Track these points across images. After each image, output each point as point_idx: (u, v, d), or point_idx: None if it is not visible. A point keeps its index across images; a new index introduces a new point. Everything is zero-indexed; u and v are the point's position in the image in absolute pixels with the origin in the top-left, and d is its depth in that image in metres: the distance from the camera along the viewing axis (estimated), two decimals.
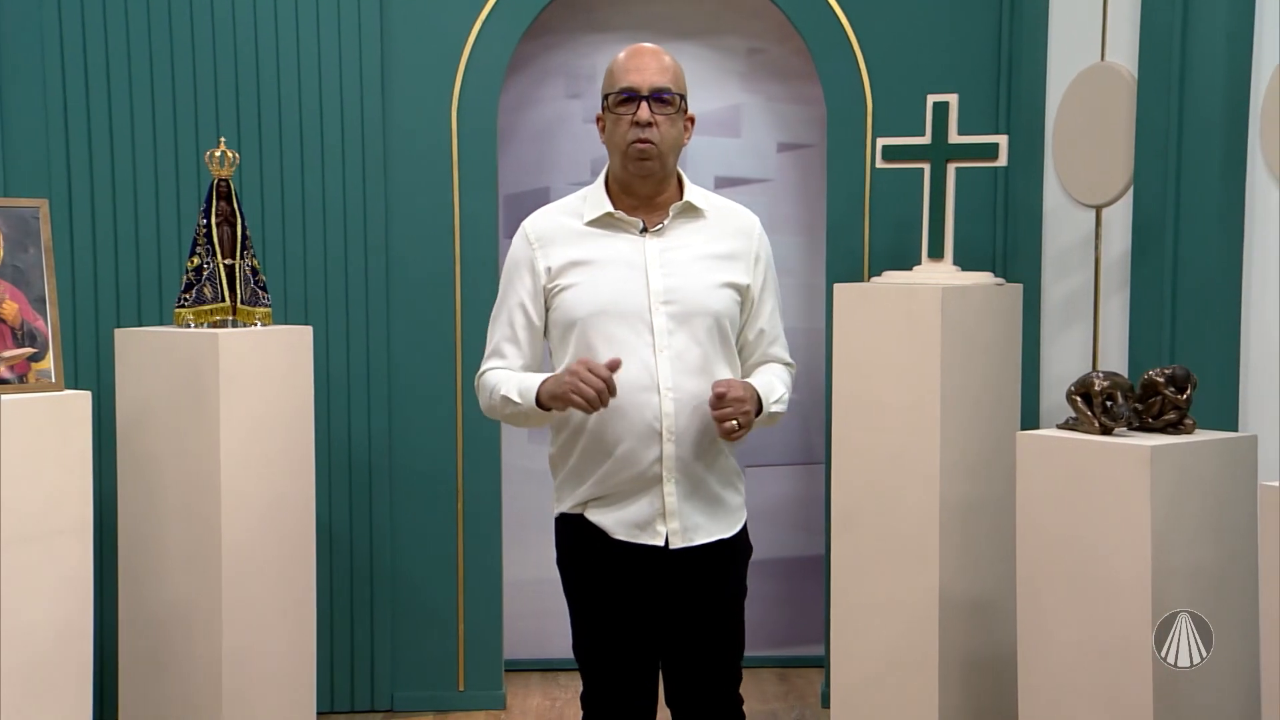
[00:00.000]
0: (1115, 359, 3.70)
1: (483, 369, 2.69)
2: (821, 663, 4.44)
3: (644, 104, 2.55)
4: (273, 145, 4.11)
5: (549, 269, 2.61)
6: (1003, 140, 3.70)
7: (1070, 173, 3.94)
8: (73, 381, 3.89)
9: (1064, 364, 3.96)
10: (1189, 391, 3.02)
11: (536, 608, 4.63)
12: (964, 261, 3.86)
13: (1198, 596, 2.96)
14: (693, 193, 2.67)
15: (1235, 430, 3.23)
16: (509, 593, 4.45)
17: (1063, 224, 4.00)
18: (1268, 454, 3.08)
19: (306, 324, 3.99)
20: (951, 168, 3.73)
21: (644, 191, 2.62)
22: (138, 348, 3.62)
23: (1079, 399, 3.07)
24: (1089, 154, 3.84)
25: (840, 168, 4.26)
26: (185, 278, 3.62)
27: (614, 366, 2.46)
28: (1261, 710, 2.68)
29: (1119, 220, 3.74)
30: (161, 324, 3.96)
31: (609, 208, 2.61)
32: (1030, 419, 3.97)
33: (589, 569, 2.65)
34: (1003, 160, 3.71)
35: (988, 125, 4.15)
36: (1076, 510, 3.04)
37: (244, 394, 3.52)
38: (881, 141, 3.85)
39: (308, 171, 4.13)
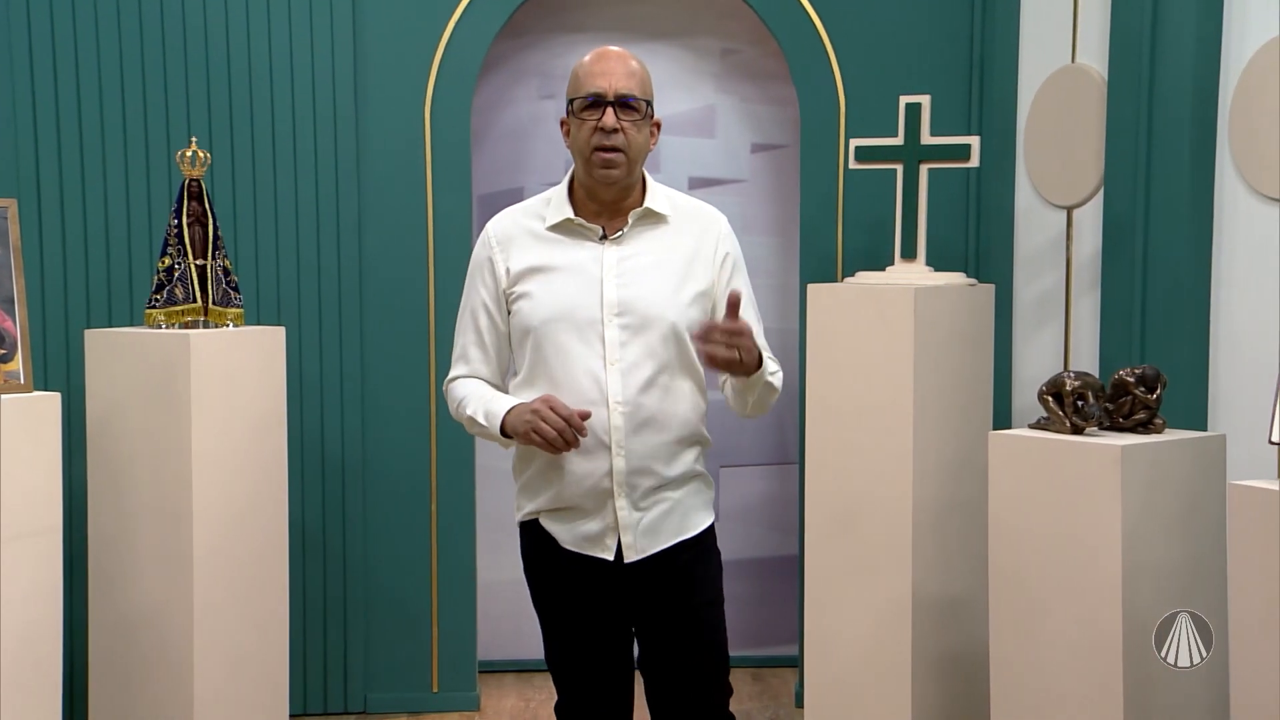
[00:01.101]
0: (1086, 359, 3.73)
1: (451, 375, 2.67)
2: (795, 662, 4.45)
3: (609, 110, 2.50)
4: (245, 145, 4.09)
5: (509, 272, 2.58)
6: (975, 141, 3.72)
7: (1041, 174, 3.96)
8: (42, 383, 3.85)
9: (1036, 364, 3.99)
10: (1159, 391, 3.04)
11: (511, 608, 4.62)
12: (936, 262, 3.87)
13: (1168, 595, 2.98)
14: (655, 197, 2.60)
15: (1205, 430, 3.25)
16: (483, 593, 4.44)
17: (1034, 225, 4.02)
18: (1237, 453, 3.11)
19: (279, 325, 3.97)
20: (924, 168, 3.74)
21: (607, 197, 2.57)
22: (108, 349, 3.59)
23: (1050, 399, 3.08)
24: (1060, 155, 3.86)
25: (813, 168, 4.27)
26: (156, 278, 3.59)
27: (584, 416, 2.44)
28: (1231, 707, 2.70)
29: (1090, 221, 3.76)
30: (132, 325, 3.94)
31: (569, 213, 2.57)
32: (1002, 419, 3.99)
33: (548, 578, 2.63)
34: (975, 161, 3.72)
35: (960, 126, 4.17)
36: (1048, 509, 3.06)
37: (216, 395, 3.50)
38: (854, 142, 3.86)
39: (280, 171, 4.12)
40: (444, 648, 4.32)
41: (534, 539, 2.62)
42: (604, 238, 2.57)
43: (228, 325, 3.63)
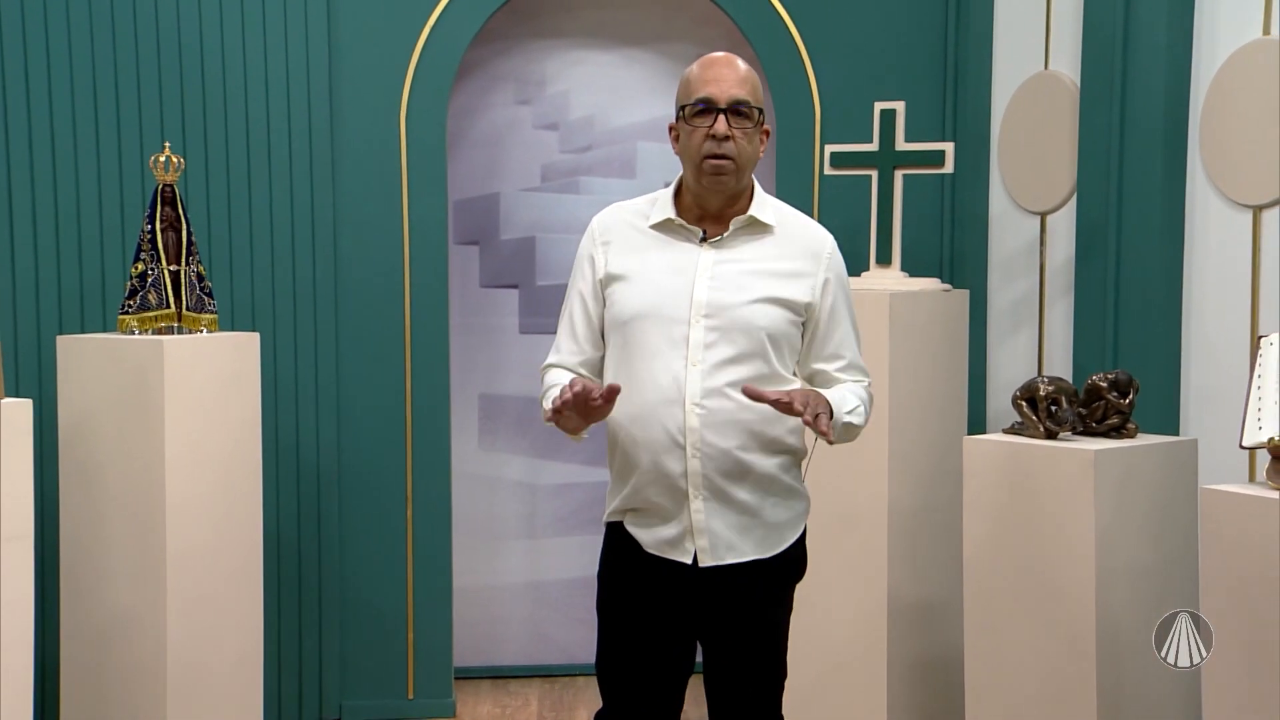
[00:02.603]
0: (1060, 364, 3.75)
1: (545, 363, 2.65)
2: None
3: (721, 117, 2.48)
4: (219, 150, 4.07)
5: (606, 266, 2.58)
6: (949, 147, 3.73)
7: (1015, 179, 3.98)
8: (14, 389, 3.83)
9: (1010, 369, 4.01)
10: (1131, 396, 3.06)
11: (486, 614, 4.62)
12: (911, 267, 3.89)
13: (1141, 597, 3.00)
14: (761, 206, 2.57)
15: (1176, 434, 3.28)
16: (458, 600, 4.43)
17: (1008, 230, 4.05)
18: (1209, 457, 3.13)
19: (254, 330, 3.95)
20: (899, 174, 3.76)
21: (714, 205, 2.55)
22: (80, 355, 3.57)
23: (1024, 404, 3.10)
24: (1033, 161, 3.89)
25: (789, 174, 4.28)
26: (129, 284, 3.58)
27: (610, 394, 2.39)
28: (1203, 708, 2.72)
29: (1063, 226, 3.79)
30: (105, 331, 3.91)
31: (672, 214, 2.56)
32: (977, 424, 4.01)
33: (625, 580, 2.59)
34: (949, 167, 3.74)
35: (934, 133, 4.19)
36: (1022, 513, 3.07)
37: (190, 401, 3.49)
38: (829, 148, 3.88)
39: (254, 176, 4.10)
40: (419, 654, 4.30)
41: (617, 541, 2.60)
42: (704, 240, 2.55)
43: (201, 331, 3.61)
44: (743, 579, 2.53)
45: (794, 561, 2.62)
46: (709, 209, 2.56)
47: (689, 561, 2.52)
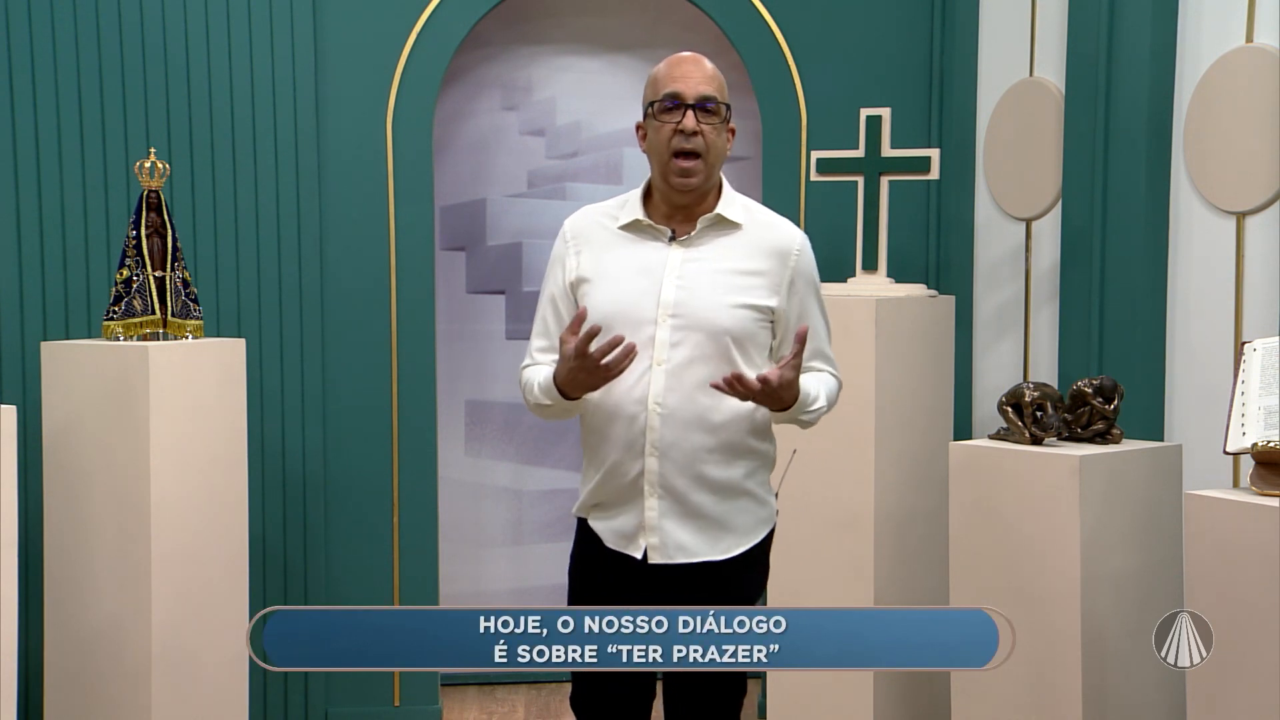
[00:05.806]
0: (1045, 370, 3.76)
1: (522, 364, 2.67)
2: (759, 673, 4.46)
3: (689, 112, 2.51)
4: (204, 156, 4.06)
5: (576, 268, 2.59)
6: (935, 154, 3.75)
7: (1001, 186, 4.00)
8: None
9: (996, 375, 4.02)
10: (1116, 402, 3.08)
11: None
12: (897, 274, 3.90)
13: (1125, 602, 3.01)
14: (729, 204, 2.58)
15: (1161, 440, 3.29)
16: (444, 606, 4.42)
17: (994, 236, 4.06)
18: (1193, 463, 3.14)
19: (239, 337, 3.94)
20: (885, 181, 3.77)
21: (682, 203, 2.56)
22: (65, 361, 3.56)
23: (1010, 409, 3.11)
24: (1019, 167, 3.90)
25: (775, 180, 4.29)
26: (114, 290, 3.56)
27: (616, 344, 2.39)
28: (1187, 715, 2.72)
29: (1048, 232, 3.80)
30: (90, 337, 3.90)
31: (640, 214, 2.58)
32: (963, 429, 4.02)
33: (587, 574, 2.64)
34: (935, 174, 3.75)
35: (920, 139, 4.20)
36: (1008, 519, 3.08)
37: (175, 408, 3.48)
38: (816, 154, 3.89)
39: (240, 182, 4.09)
40: None
41: (583, 536, 2.64)
42: (673, 239, 2.56)
43: (187, 337, 3.60)
44: (693, 579, 2.54)
45: (750, 567, 2.60)
46: (676, 207, 2.57)
47: (639, 557, 2.54)
